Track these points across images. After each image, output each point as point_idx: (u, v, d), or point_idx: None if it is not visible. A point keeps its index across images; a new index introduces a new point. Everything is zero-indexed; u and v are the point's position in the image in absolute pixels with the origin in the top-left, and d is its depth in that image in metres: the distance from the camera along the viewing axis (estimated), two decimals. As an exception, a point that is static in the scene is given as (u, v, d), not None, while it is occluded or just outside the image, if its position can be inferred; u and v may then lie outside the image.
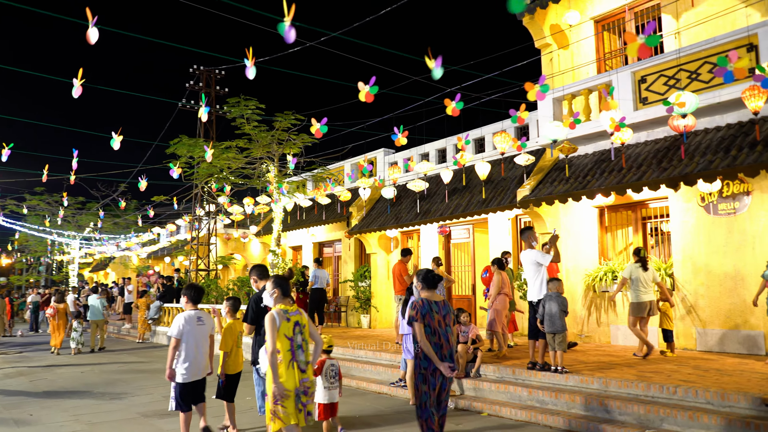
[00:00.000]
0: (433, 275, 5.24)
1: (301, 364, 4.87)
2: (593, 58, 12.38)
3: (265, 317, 4.90)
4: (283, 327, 4.85)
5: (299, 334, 4.92)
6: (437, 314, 5.04)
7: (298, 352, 4.87)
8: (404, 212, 15.27)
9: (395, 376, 9.69)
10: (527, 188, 11.55)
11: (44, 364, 13.68)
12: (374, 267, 16.83)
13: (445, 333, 5.01)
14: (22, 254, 35.81)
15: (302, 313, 5.05)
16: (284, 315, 4.90)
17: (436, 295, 5.22)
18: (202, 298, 6.62)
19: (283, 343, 4.82)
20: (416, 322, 5.00)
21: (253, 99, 13.19)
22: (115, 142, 8.06)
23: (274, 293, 5.07)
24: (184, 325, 6.16)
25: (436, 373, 4.97)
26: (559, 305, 7.74)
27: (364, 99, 6.04)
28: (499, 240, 13.74)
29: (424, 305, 5.04)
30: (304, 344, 4.94)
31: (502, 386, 8.01)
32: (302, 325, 4.99)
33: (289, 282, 5.16)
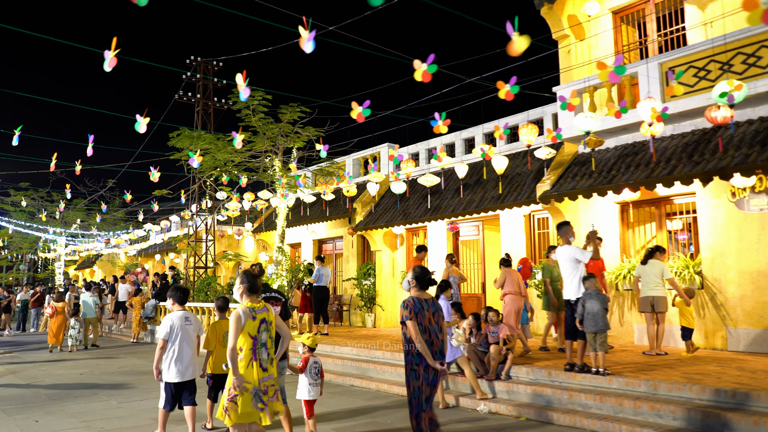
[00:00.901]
0: (428, 277, 5.32)
1: (263, 362, 4.82)
2: (610, 50, 12.08)
3: (231, 314, 4.84)
4: (247, 325, 4.78)
5: (265, 332, 4.86)
6: (428, 312, 5.14)
7: (261, 350, 4.81)
8: (413, 208, 14.87)
9: (417, 378, 9.30)
10: (547, 183, 11.20)
11: (39, 365, 13.05)
12: (379, 265, 16.41)
13: (434, 330, 5.14)
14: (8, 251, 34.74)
15: (269, 310, 4.98)
16: (250, 313, 4.81)
17: (425, 293, 5.30)
18: (187, 298, 6.71)
19: (246, 341, 4.76)
20: (410, 320, 5.07)
21: (259, 90, 12.68)
22: (140, 125, 7.53)
23: (240, 289, 4.95)
24: (172, 326, 6.25)
25: (428, 370, 5.07)
26: (601, 303, 7.39)
27: (420, 78, 5.62)
28: (511, 237, 13.40)
29: (416, 304, 5.13)
30: (269, 341, 4.89)
31: (538, 389, 7.64)
32: (269, 323, 4.92)
33: (257, 278, 5.09)
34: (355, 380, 9.99)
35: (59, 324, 15.44)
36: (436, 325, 5.16)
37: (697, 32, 10.67)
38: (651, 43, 11.57)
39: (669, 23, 11.58)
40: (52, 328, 15.42)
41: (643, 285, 9.22)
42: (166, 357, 6.23)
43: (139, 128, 7.63)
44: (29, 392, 9.76)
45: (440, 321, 5.25)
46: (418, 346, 5.01)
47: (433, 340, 5.09)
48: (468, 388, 8.48)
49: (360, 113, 6.92)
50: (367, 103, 6.94)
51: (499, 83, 6.23)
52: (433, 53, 5.51)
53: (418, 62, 5.64)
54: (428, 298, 5.26)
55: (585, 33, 12.20)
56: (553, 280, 9.18)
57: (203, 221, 18.54)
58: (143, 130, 7.58)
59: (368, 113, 6.96)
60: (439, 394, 8.04)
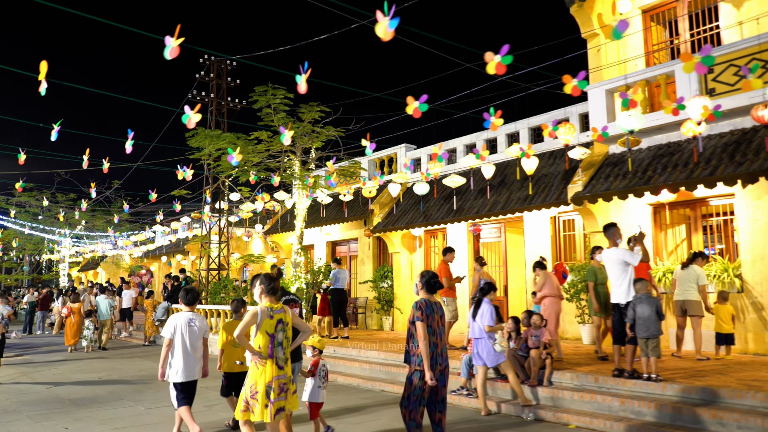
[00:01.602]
0: (435, 281, 5.50)
1: (279, 360, 5.02)
2: (640, 50, 11.87)
3: (250, 310, 5.14)
4: (265, 324, 5.01)
5: (281, 332, 5.08)
6: (436, 314, 5.36)
7: (278, 349, 5.03)
8: (434, 209, 14.62)
9: (452, 383, 9.02)
10: (579, 184, 10.97)
11: (53, 368, 12.75)
12: (397, 267, 16.16)
13: (440, 332, 5.35)
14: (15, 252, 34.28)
15: (287, 312, 5.21)
16: (268, 312, 5.05)
17: (433, 296, 5.48)
18: (196, 300, 6.84)
19: (263, 339, 4.98)
20: (420, 321, 5.22)
21: (281, 88, 12.43)
22: (189, 119, 7.24)
23: (260, 290, 5.21)
24: (176, 327, 6.41)
25: (435, 369, 5.21)
26: (653, 307, 7.16)
27: (494, 71, 5.38)
28: (536, 239, 13.15)
29: (427, 305, 5.31)
30: (285, 341, 5.10)
31: (585, 395, 7.39)
32: (285, 323, 5.15)
33: (276, 280, 5.33)
34: (386, 385, 9.73)
35: (76, 325, 15.69)
36: (441, 328, 5.37)
37: (732, 32, 10.47)
38: (684, 43, 11.36)
39: (699, 23, 11.38)
40: (68, 329, 15.68)
41: (677, 288, 9.29)
42: (171, 358, 6.40)
43: (188, 122, 7.34)
44: (51, 397, 9.48)
45: (444, 324, 5.46)
46: (422, 348, 5.15)
47: (437, 341, 5.28)
48: (508, 393, 8.24)
49: (417, 108, 6.66)
50: (424, 97, 6.69)
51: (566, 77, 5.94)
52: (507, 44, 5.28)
53: (490, 54, 5.40)
54: (436, 301, 5.45)
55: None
56: (598, 284, 8.90)
57: (217, 222, 18.24)
58: (192, 125, 7.30)
59: (425, 108, 6.72)
60: (481, 400, 7.80)
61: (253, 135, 12.97)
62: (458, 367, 9.04)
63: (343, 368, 11.11)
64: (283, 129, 8.27)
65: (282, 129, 8.23)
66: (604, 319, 9.08)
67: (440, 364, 5.31)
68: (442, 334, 5.36)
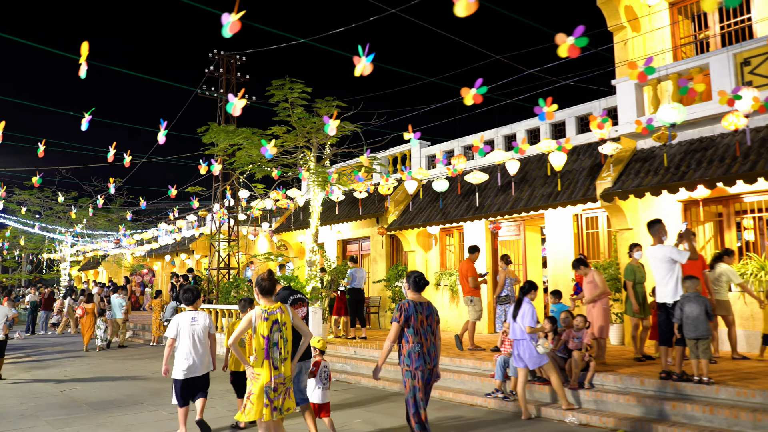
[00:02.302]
0: (422, 281, 5.51)
1: (275, 361, 5.04)
2: (666, 43, 11.60)
3: (245, 315, 5.22)
4: (260, 326, 5.04)
5: (277, 332, 5.07)
6: (421, 315, 5.35)
7: (273, 349, 5.04)
8: (452, 207, 14.31)
9: (484, 385, 8.75)
10: (608, 180, 10.68)
11: (63, 369, 12.40)
12: (412, 266, 15.84)
13: (425, 332, 5.34)
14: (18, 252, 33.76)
15: (285, 311, 5.21)
16: (262, 314, 5.06)
17: (421, 296, 5.51)
18: (197, 299, 6.98)
19: (258, 341, 5.01)
20: (396, 322, 5.30)
21: (299, 82, 12.08)
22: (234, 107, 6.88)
23: (255, 291, 5.24)
24: (178, 326, 6.63)
25: (424, 369, 5.26)
26: (702, 307, 6.87)
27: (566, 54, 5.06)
28: (558, 237, 12.85)
29: (410, 307, 5.34)
30: (281, 341, 5.09)
31: (632, 398, 7.10)
32: (281, 323, 5.13)
33: (271, 281, 5.32)
34: (414, 388, 9.41)
35: (89, 324, 16.22)
36: (428, 328, 5.38)
37: (765, 25, 10.20)
38: (714, 36, 11.09)
39: (727, 16, 11.11)
40: (83, 328, 16.25)
41: None
42: (174, 355, 6.63)
43: (232, 110, 6.96)
44: (66, 400, 9.15)
45: (433, 324, 5.46)
46: (384, 346, 5.28)
47: (422, 341, 5.30)
48: (546, 396, 7.94)
49: (476, 94, 6.34)
50: (479, 82, 6.37)
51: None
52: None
53: (562, 36, 5.09)
54: (423, 301, 5.49)
55: (642, 25, 11.71)
56: (636, 283, 8.59)
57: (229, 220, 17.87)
58: (238, 113, 6.93)
59: (484, 90, 6.39)
60: (521, 404, 7.50)
61: (271, 129, 12.61)
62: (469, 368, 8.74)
63: (366, 370, 10.81)
64: (327, 118, 7.89)
65: (326, 119, 7.86)
66: (642, 319, 8.76)
67: (428, 363, 5.32)
68: (428, 334, 5.37)
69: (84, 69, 7.28)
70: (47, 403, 8.99)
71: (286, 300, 6.17)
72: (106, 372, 12.23)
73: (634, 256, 8.75)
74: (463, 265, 11.05)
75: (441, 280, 15.42)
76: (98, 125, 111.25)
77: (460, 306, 14.89)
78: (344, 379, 10.77)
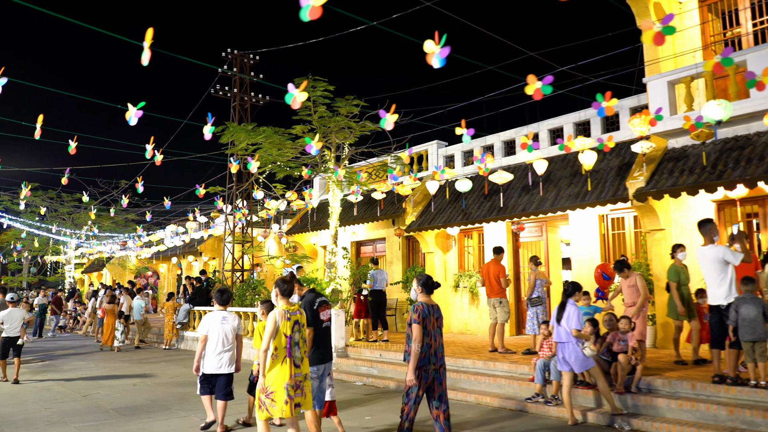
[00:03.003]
0: (432, 282, 5.75)
1: (296, 359, 5.34)
2: (695, 41, 11.42)
3: (269, 316, 5.40)
4: (282, 326, 5.33)
5: (297, 332, 5.39)
6: (432, 316, 5.61)
7: (294, 348, 5.34)
8: (473, 207, 14.08)
9: (522, 389, 8.53)
10: (641, 179, 10.47)
11: (81, 374, 12.14)
12: (430, 267, 15.61)
13: (435, 334, 5.60)
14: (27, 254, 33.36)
15: (302, 313, 5.60)
16: (285, 314, 5.37)
17: (431, 299, 5.73)
18: (229, 301, 7.38)
19: (280, 340, 5.29)
20: (417, 324, 5.49)
21: (322, 80, 11.86)
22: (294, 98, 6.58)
23: (275, 293, 5.56)
24: (209, 324, 7.05)
25: (429, 368, 5.49)
26: (759, 308, 6.66)
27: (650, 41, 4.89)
28: (583, 238, 12.64)
29: (424, 308, 5.58)
30: (300, 341, 5.42)
31: (685, 403, 6.89)
32: (301, 324, 5.50)
33: (290, 283, 5.66)
34: (450, 392, 9.17)
35: (110, 326, 16.75)
36: (438, 329, 5.65)
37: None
38: (746, 35, 10.91)
39: (760, 13, 10.94)
40: (105, 330, 16.82)
41: None
42: (204, 351, 7.00)
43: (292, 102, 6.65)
44: (92, 406, 8.89)
45: (441, 325, 5.74)
46: (413, 349, 5.45)
47: (431, 342, 5.56)
48: (590, 401, 7.73)
49: (538, 89, 6.13)
50: (549, 78, 6.16)
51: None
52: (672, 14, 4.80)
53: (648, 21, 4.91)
54: (434, 303, 5.72)
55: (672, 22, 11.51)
56: (681, 284, 8.37)
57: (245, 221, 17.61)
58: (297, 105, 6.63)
59: (549, 90, 6.19)
60: (567, 409, 7.28)
61: (295, 129, 12.38)
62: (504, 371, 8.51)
63: (393, 374, 10.58)
64: (383, 112, 7.62)
65: (382, 113, 7.59)
66: (687, 321, 8.54)
67: (434, 363, 5.55)
68: (437, 335, 5.63)
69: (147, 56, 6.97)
70: (72, 408, 8.73)
71: (313, 303, 6.23)
72: (124, 375, 11.97)
73: (678, 257, 8.54)
74: (491, 266, 10.83)
75: (460, 282, 15.20)
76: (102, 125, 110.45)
77: (481, 308, 14.67)
78: (371, 383, 10.53)
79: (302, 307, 6.05)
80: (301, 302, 6.26)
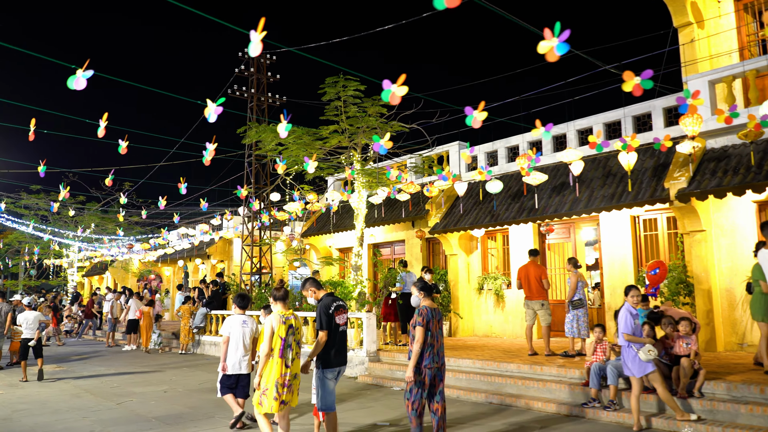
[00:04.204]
0: (431, 286, 6.33)
1: (287, 360, 5.86)
2: (733, 42, 11.34)
3: (266, 321, 5.95)
4: (279, 329, 5.86)
5: (291, 335, 5.94)
6: (435, 319, 6.12)
7: (287, 350, 5.89)
8: (501, 209, 13.90)
9: (575, 394, 8.34)
10: (683, 180, 10.34)
11: (105, 380, 11.85)
12: (454, 270, 15.42)
13: (437, 335, 6.12)
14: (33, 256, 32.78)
15: (297, 317, 6.14)
16: (281, 318, 5.92)
17: (433, 302, 6.26)
18: (248, 304, 7.82)
19: (276, 342, 5.81)
20: (420, 326, 5.98)
21: (354, 79, 11.65)
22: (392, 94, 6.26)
23: (271, 300, 6.16)
24: (230, 327, 7.52)
25: (432, 367, 5.97)
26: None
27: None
28: (614, 240, 12.49)
29: (428, 312, 6.09)
30: (294, 344, 5.97)
31: (756, 408, 6.73)
32: (295, 328, 6.05)
33: (284, 290, 6.21)
34: (494, 397, 9.00)
35: (147, 328, 17.44)
36: (439, 330, 6.17)
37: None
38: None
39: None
40: (143, 332, 17.50)
41: None
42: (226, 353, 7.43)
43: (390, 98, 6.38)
44: (131, 414, 8.61)
45: (442, 327, 6.26)
46: (415, 349, 5.92)
47: (434, 343, 6.04)
48: (652, 406, 7.54)
49: (638, 85, 5.95)
50: (648, 73, 5.97)
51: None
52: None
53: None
54: (436, 306, 6.25)
55: (708, 23, 11.44)
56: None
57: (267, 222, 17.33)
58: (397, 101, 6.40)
59: (650, 85, 6.00)
60: (634, 415, 7.09)
61: (328, 128, 12.16)
62: (553, 376, 8.32)
63: (432, 378, 10.36)
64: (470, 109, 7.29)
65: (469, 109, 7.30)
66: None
67: (436, 362, 6.03)
68: (439, 336, 6.14)
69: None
70: (111, 417, 8.46)
71: (329, 307, 6.16)
72: (150, 382, 11.69)
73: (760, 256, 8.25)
74: (530, 268, 10.65)
75: (484, 284, 15.04)
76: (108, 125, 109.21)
77: (506, 311, 14.51)
78: (410, 388, 10.31)
79: (318, 311, 6.09)
80: (318, 306, 6.20)
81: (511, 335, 14.31)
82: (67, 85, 6.30)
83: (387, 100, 5.81)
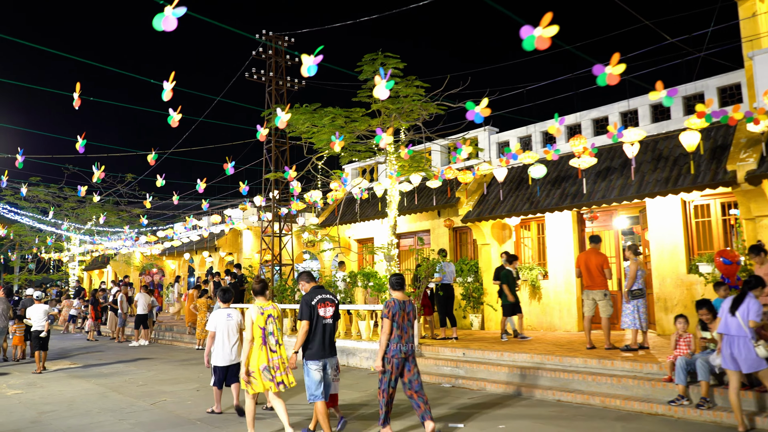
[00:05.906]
0: (398, 281, 6.52)
1: (272, 345, 6.39)
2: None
3: (246, 313, 6.38)
4: (258, 320, 6.33)
5: (271, 324, 6.43)
6: (403, 311, 6.37)
7: (269, 337, 6.39)
8: (541, 195, 13.22)
9: (656, 390, 7.70)
10: (752, 161, 9.71)
11: (128, 378, 11.10)
12: (486, 260, 14.75)
13: (405, 327, 6.36)
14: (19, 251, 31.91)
15: (276, 307, 6.59)
16: (259, 310, 6.38)
17: (403, 295, 6.49)
18: (231, 298, 8.15)
19: (256, 331, 6.30)
20: (386, 318, 6.27)
21: (394, 56, 10.90)
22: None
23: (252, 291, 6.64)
24: (216, 321, 7.71)
25: (399, 356, 6.25)
26: None
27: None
28: (663, 226, 11.83)
29: (396, 305, 6.35)
30: (275, 331, 6.46)
31: None
32: (275, 317, 6.50)
33: (262, 284, 6.61)
34: (561, 394, 8.35)
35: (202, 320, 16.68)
36: (408, 322, 6.39)
37: None
38: None
39: None
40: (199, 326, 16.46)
41: None
42: (214, 347, 7.72)
43: None
44: (171, 416, 7.89)
45: (413, 318, 6.48)
46: (381, 340, 6.25)
47: (402, 334, 6.30)
48: (751, 404, 6.90)
49: None
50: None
51: None
52: None
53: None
54: (405, 299, 6.47)
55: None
56: None
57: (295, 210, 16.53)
58: None
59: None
60: (737, 414, 6.44)
61: (372, 108, 11.39)
62: (626, 371, 7.68)
63: (485, 374, 9.70)
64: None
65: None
66: None
67: (404, 352, 6.29)
68: (408, 327, 6.37)
69: None
70: (150, 419, 7.73)
71: (311, 299, 6.24)
72: (178, 380, 10.97)
73: None
74: (591, 255, 9.97)
75: (519, 275, 14.37)
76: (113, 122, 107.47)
77: (543, 302, 13.88)
78: (462, 384, 9.64)
79: (301, 302, 6.36)
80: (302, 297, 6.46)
81: (548, 328, 13.68)
82: (153, 26, 5.55)
83: (531, 47, 5.08)
